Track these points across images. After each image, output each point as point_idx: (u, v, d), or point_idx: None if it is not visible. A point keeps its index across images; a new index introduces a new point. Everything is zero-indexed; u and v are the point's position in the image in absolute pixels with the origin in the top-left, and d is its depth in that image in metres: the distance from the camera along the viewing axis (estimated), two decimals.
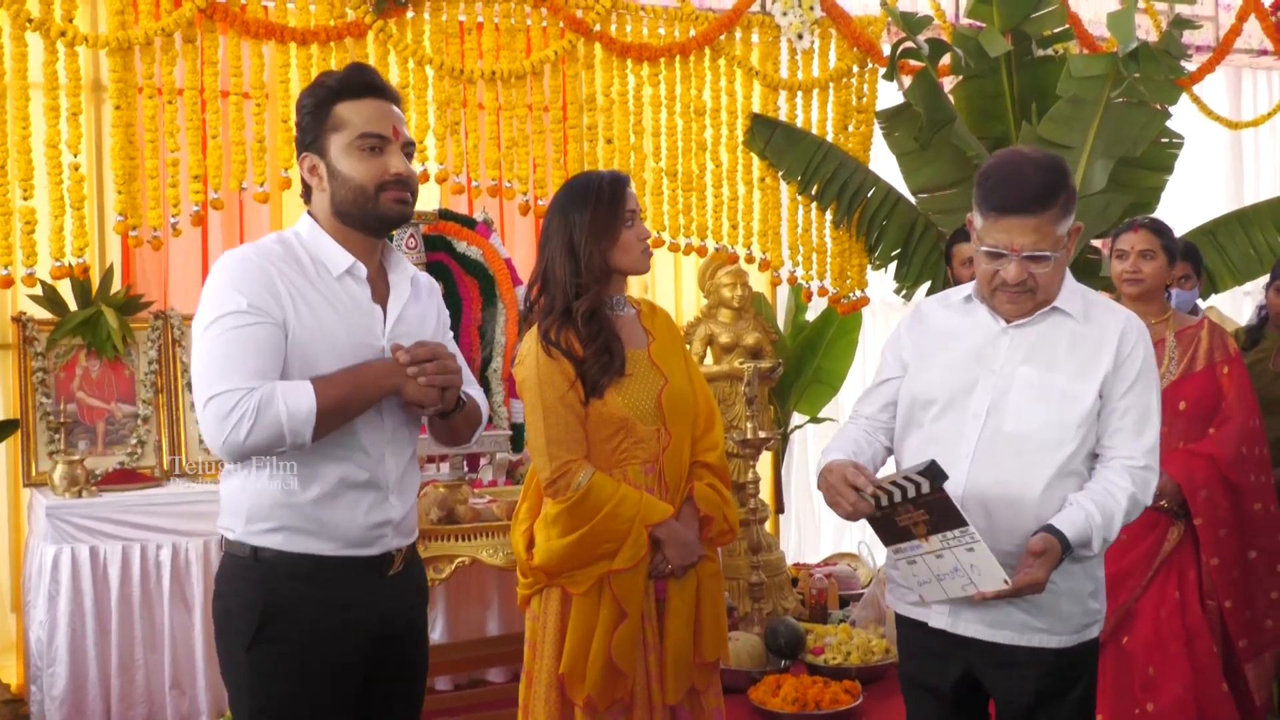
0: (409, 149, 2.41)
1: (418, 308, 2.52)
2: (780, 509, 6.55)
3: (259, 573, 2.33)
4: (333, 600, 2.34)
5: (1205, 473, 3.68)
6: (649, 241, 3.08)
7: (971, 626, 2.56)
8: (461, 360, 2.57)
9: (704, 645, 3.07)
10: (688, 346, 5.64)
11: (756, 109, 6.01)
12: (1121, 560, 3.70)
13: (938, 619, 2.60)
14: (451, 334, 2.69)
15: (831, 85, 6.17)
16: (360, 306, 2.39)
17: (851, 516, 2.48)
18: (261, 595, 2.31)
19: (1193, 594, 3.70)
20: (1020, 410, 2.53)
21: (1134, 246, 3.77)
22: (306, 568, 2.33)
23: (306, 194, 2.45)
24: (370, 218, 2.37)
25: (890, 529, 2.49)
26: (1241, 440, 3.73)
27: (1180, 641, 3.66)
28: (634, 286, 5.16)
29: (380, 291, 2.45)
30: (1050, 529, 2.43)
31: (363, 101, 2.35)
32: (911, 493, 2.38)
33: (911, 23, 5.67)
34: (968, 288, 2.70)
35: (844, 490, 2.46)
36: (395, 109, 2.40)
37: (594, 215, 2.98)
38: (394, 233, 4.91)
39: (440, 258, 5.29)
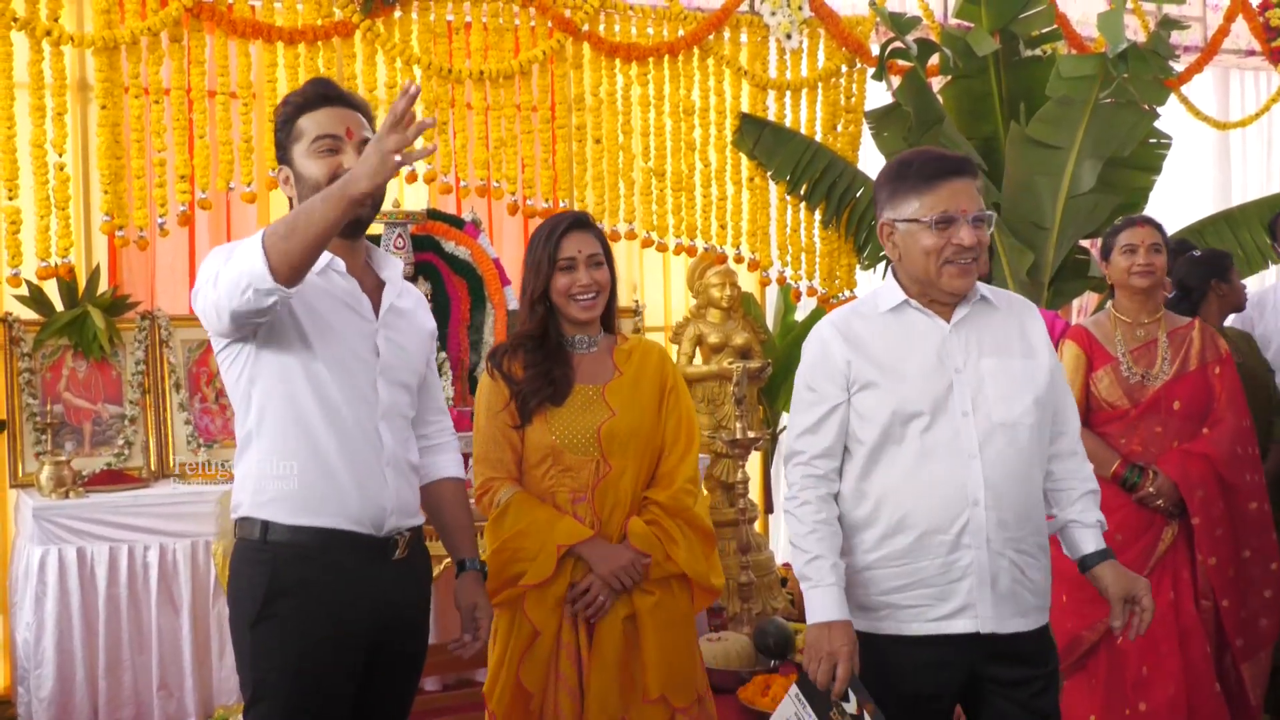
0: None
1: (410, 303, 2.64)
2: (769, 509, 6.54)
3: (267, 554, 2.43)
4: (336, 582, 2.42)
5: (1202, 472, 3.69)
6: (584, 293, 3.05)
7: (1010, 623, 2.58)
8: (437, 381, 2.74)
9: (648, 681, 3.02)
10: (675, 348, 5.65)
11: (745, 109, 6.02)
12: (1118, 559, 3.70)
13: (967, 624, 2.56)
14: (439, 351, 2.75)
15: (820, 85, 6.17)
16: (348, 293, 2.51)
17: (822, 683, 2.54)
18: (267, 574, 2.41)
19: (1187, 594, 3.70)
20: (1002, 400, 2.57)
21: (1144, 241, 3.78)
22: (312, 549, 2.41)
23: (292, 206, 2.56)
24: None
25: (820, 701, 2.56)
26: (1235, 440, 3.75)
27: (1174, 641, 3.66)
28: (621, 286, 5.17)
29: (369, 286, 2.56)
30: (1107, 553, 2.72)
31: (319, 110, 2.50)
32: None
33: (900, 23, 5.68)
34: (878, 300, 2.66)
35: (834, 676, 2.52)
36: (352, 113, 2.53)
37: (531, 256, 3.11)
38: (381, 233, 4.94)
39: (428, 258, 5.29)
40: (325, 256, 2.47)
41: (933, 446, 2.54)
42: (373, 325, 2.51)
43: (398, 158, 2.12)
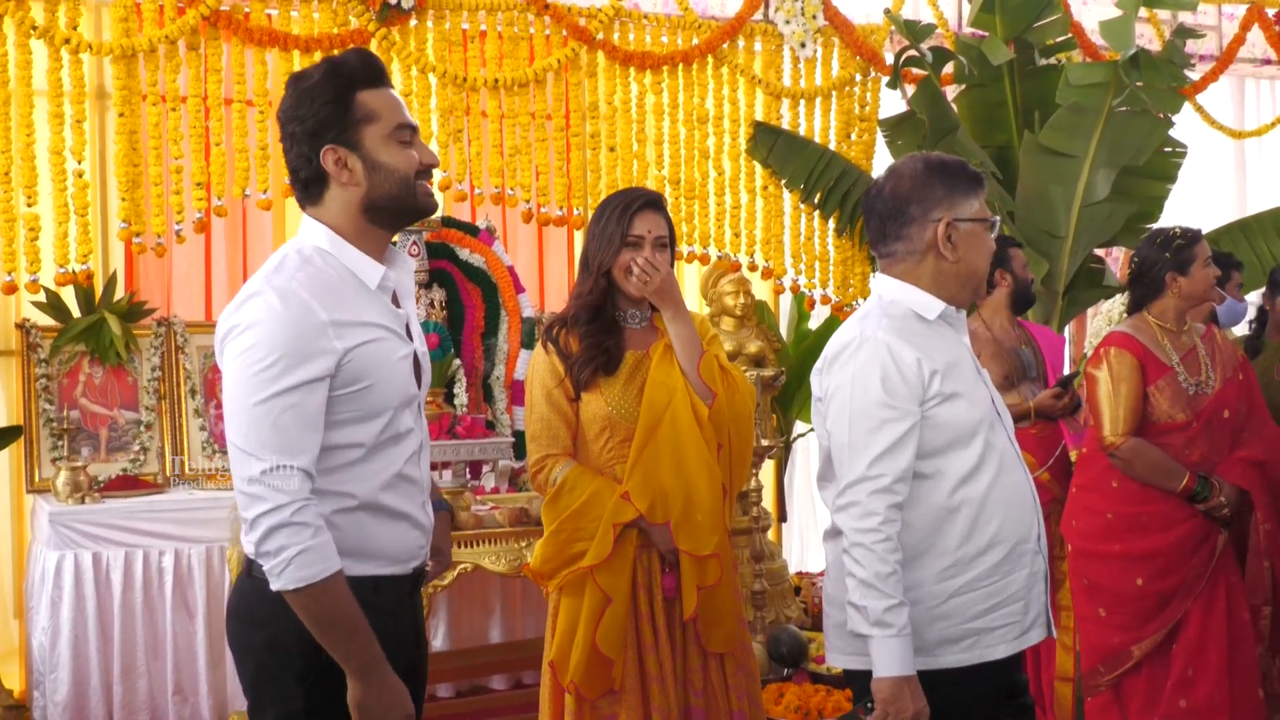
0: None
1: (413, 302, 2.48)
2: (783, 517, 6.54)
3: None
4: (386, 623, 2.22)
5: (1262, 478, 3.70)
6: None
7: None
8: (423, 347, 2.43)
9: (714, 636, 3.13)
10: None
11: (759, 117, 6.02)
12: (1178, 573, 3.67)
13: (1039, 633, 2.52)
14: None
15: (834, 93, 6.17)
16: (394, 317, 2.29)
17: None
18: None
19: (1239, 599, 3.71)
20: (1002, 409, 2.58)
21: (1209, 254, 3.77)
22: (361, 595, 2.17)
23: (316, 193, 2.25)
24: (406, 210, 2.28)
25: None
26: (1276, 444, 3.77)
27: (1224, 647, 3.66)
28: None
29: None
30: None
31: (382, 90, 2.25)
32: None
33: (914, 31, 5.68)
34: (913, 307, 2.52)
35: None
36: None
37: (600, 227, 3.15)
38: (395, 240, 4.96)
39: (443, 265, 5.30)
40: (377, 271, 2.25)
41: (1005, 453, 2.48)
42: (410, 347, 2.30)
43: None
